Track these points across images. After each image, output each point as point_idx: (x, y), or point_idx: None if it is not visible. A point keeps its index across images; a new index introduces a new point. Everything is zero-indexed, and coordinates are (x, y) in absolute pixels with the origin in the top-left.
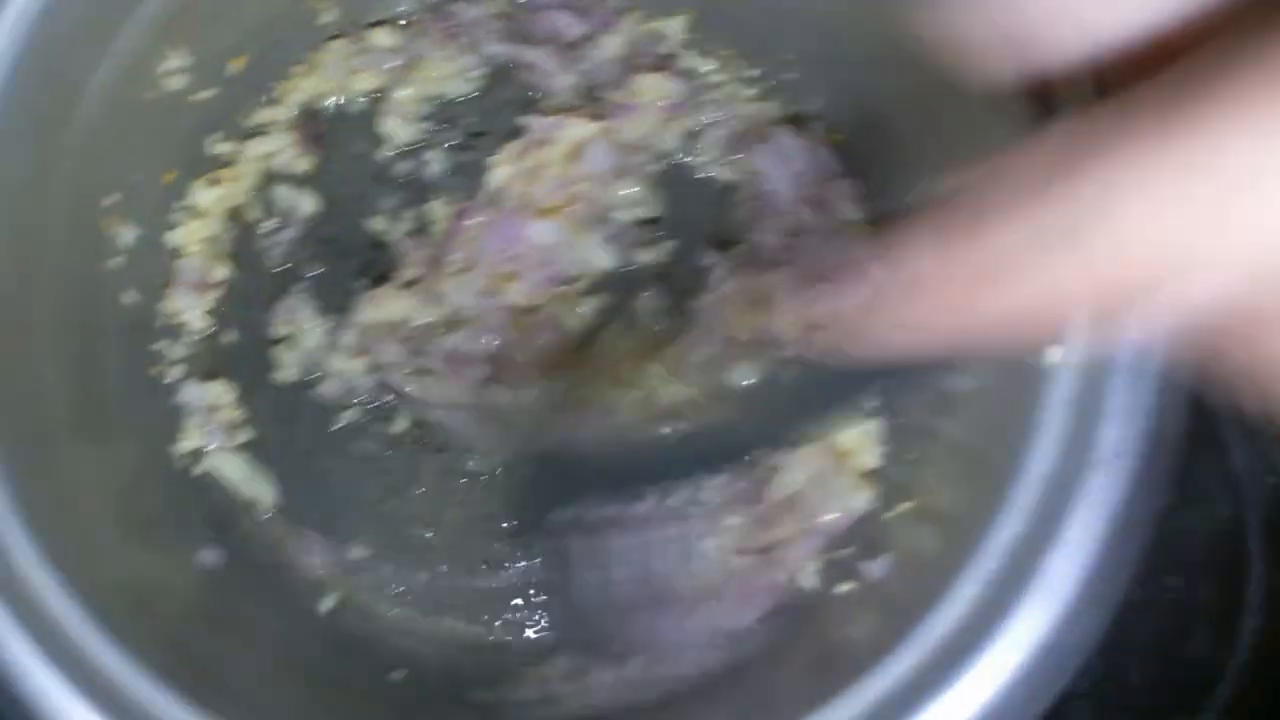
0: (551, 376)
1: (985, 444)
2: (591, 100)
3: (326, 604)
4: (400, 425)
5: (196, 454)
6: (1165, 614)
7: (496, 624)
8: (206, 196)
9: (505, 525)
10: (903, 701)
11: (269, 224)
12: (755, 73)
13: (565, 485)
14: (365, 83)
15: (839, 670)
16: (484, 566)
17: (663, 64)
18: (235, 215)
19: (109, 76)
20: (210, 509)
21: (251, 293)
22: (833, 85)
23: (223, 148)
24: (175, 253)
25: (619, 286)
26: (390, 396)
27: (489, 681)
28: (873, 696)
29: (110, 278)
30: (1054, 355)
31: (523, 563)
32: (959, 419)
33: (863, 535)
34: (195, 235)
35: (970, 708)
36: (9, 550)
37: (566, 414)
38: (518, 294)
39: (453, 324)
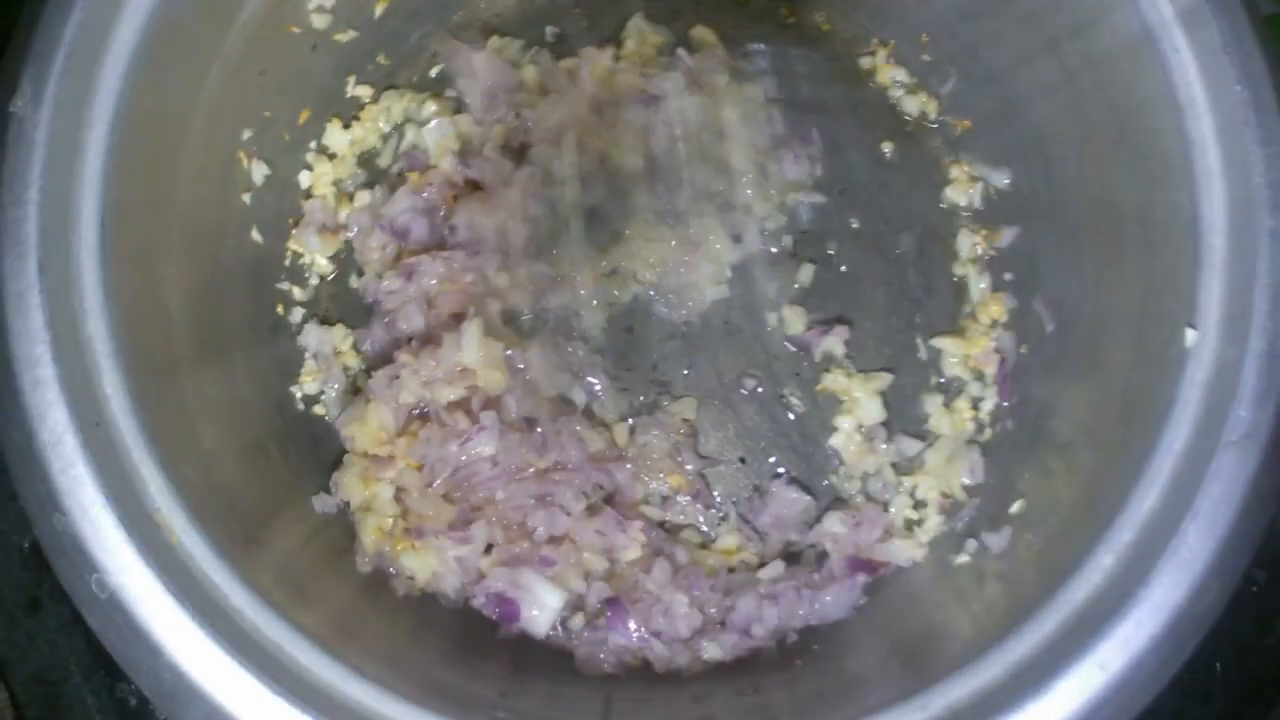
0: None
1: (1124, 420)
2: None
3: None
4: None
5: (314, 397)
6: (1251, 608)
7: None
8: (339, 139)
9: None
10: (1041, 667)
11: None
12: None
13: None
14: None
15: (981, 634)
16: None
17: None
18: (367, 160)
19: (260, 6)
20: (326, 454)
21: None
22: (963, 69)
23: (359, 91)
24: (304, 193)
25: None
26: None
27: None
28: (1013, 659)
29: (240, 213)
30: (1191, 338)
31: None
32: (1100, 396)
33: (985, 508)
34: (325, 177)
35: (1108, 673)
36: (144, 485)
37: None
38: None
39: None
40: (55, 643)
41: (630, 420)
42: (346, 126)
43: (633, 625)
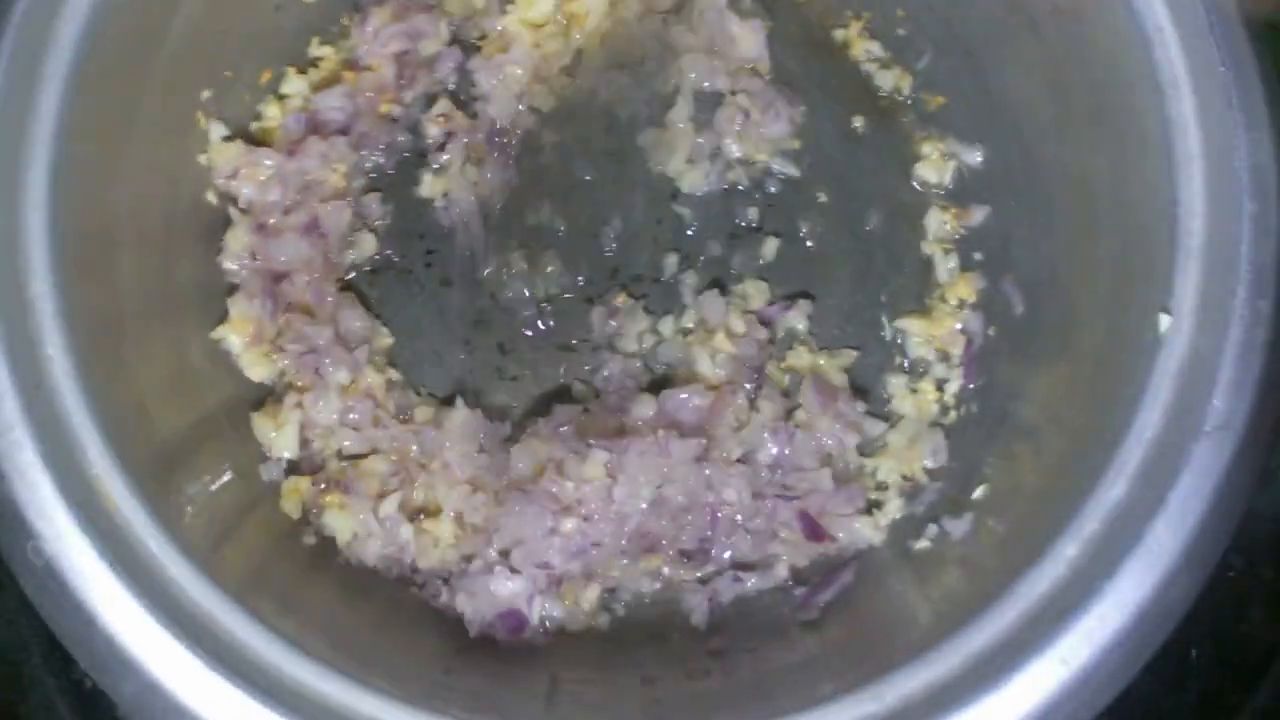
0: None
1: (1093, 407)
2: None
3: None
4: None
5: None
6: (1226, 593)
7: None
8: (296, 87)
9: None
10: (1000, 659)
11: None
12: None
13: None
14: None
15: (939, 623)
16: None
17: None
18: None
19: None
20: None
21: None
22: (939, 44)
23: (322, 51)
24: (256, 141)
25: None
26: None
27: None
28: (972, 651)
29: (196, 174)
30: (1165, 323)
31: None
32: (1069, 381)
33: (947, 492)
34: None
35: (1070, 666)
36: (84, 451)
37: None
38: None
39: None
40: (15, 623)
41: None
42: (303, 72)
43: None
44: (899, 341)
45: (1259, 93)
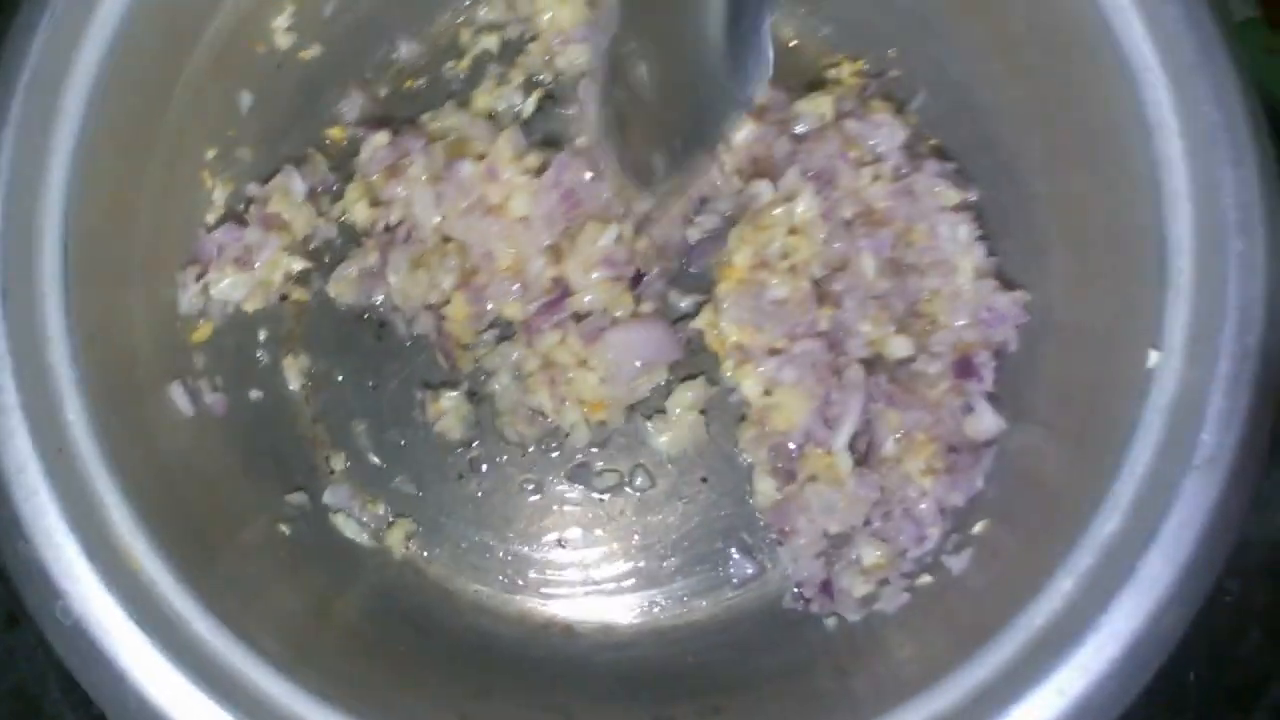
0: None
1: (1087, 442)
2: None
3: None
4: None
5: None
6: (1223, 618)
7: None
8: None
9: None
10: (1000, 691)
11: None
12: (861, 66)
13: None
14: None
15: (939, 658)
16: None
17: None
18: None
19: (224, 25)
20: (291, 474)
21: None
22: (932, 86)
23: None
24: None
25: None
26: None
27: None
28: (971, 684)
29: (204, 233)
30: (1154, 359)
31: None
32: (1064, 418)
33: (947, 529)
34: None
35: (1067, 697)
36: (106, 512)
37: None
38: None
39: None
40: (33, 658)
41: None
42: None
43: None
44: None
45: (1245, 131)
